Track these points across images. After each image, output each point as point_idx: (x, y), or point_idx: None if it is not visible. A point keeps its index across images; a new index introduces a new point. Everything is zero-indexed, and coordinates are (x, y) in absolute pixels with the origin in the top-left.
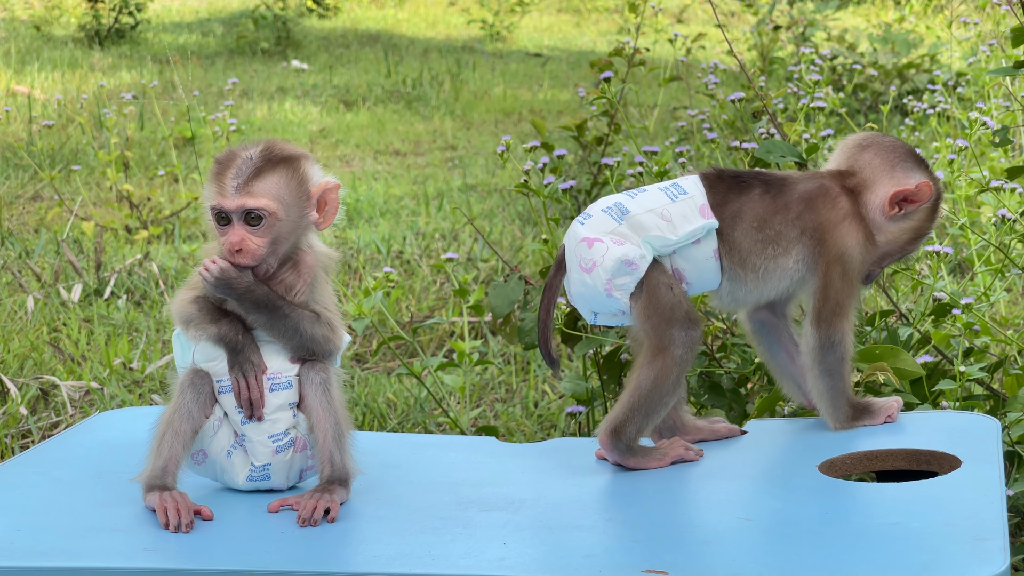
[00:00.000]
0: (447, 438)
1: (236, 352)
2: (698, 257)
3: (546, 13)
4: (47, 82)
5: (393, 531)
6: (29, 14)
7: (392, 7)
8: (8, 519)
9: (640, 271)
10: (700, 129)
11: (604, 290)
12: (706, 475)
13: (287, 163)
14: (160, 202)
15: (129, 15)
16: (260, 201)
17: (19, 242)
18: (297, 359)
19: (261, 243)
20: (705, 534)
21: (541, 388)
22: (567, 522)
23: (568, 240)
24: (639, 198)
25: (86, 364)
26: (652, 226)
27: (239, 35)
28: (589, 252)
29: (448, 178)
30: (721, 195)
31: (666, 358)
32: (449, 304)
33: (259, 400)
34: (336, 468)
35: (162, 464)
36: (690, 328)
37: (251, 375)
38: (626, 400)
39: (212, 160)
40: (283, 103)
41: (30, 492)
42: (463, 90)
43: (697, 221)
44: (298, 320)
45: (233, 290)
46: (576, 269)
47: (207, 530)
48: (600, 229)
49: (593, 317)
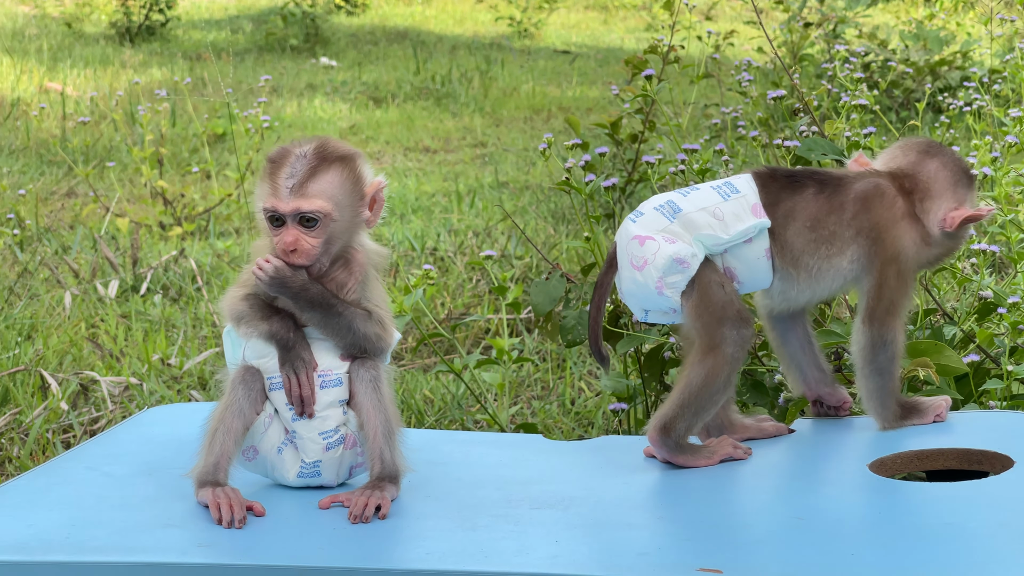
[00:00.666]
0: (493, 435)
1: (287, 349)
2: (750, 256)
3: (573, 10)
4: (79, 79)
5: (444, 528)
6: (60, 11)
7: (419, 4)
8: (63, 514)
9: (691, 269)
10: (734, 126)
11: (655, 288)
12: (755, 474)
13: (341, 162)
14: (194, 199)
15: (159, 12)
16: (315, 203)
17: (55, 238)
18: (347, 356)
19: (315, 243)
20: (757, 533)
21: (578, 385)
22: (618, 520)
23: (620, 237)
24: (691, 196)
25: (125, 360)
26: (704, 224)
27: (268, 32)
28: (641, 250)
29: (479, 175)
30: (774, 194)
31: (717, 356)
32: (484, 301)
33: (310, 397)
34: (386, 465)
35: (214, 460)
36: (741, 326)
37: (302, 372)
38: (676, 398)
39: (264, 158)
40: (313, 100)
41: (82, 487)
42: (492, 87)
43: (749, 220)
44: (351, 318)
45: (288, 289)
46: (628, 267)
47: (260, 526)
48: (652, 227)
49: (644, 315)
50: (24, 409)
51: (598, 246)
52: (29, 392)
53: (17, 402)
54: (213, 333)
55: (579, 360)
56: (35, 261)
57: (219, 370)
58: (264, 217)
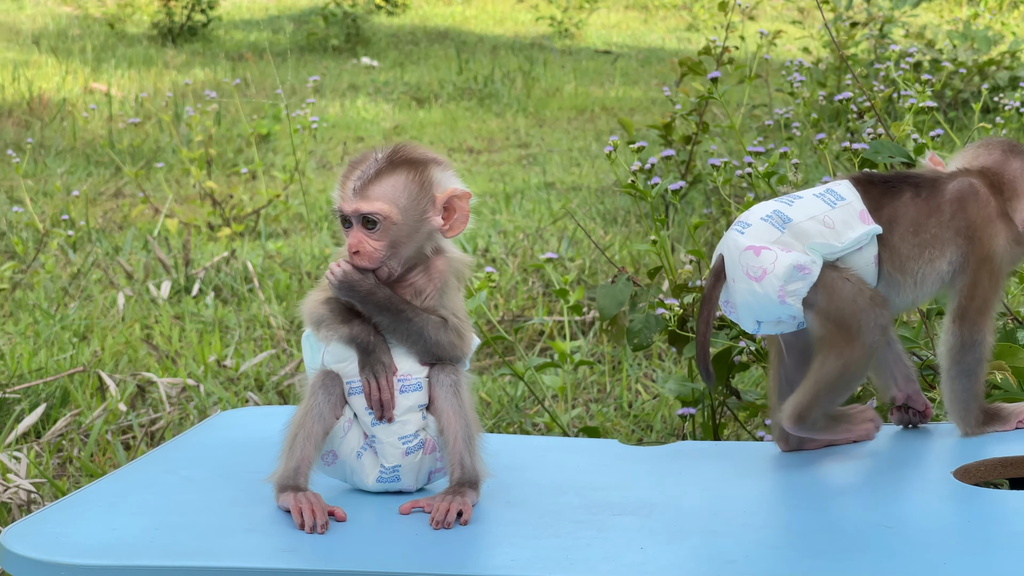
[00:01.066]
0: (569, 440)
1: (367, 353)
2: (859, 263)
3: (613, 10)
4: (123, 80)
5: (526, 534)
6: (102, 12)
7: (460, 4)
8: (144, 518)
9: (813, 275)
10: (787, 126)
11: (777, 297)
12: (838, 481)
13: (409, 167)
14: (242, 199)
15: (201, 12)
16: (374, 205)
17: (106, 239)
18: (426, 361)
19: (378, 246)
20: (845, 541)
21: (634, 388)
22: (702, 527)
23: (727, 250)
24: (797, 205)
25: (180, 361)
26: (815, 233)
27: (309, 32)
28: (757, 260)
29: (526, 176)
30: (875, 199)
31: (855, 346)
32: (538, 303)
33: (389, 401)
34: (466, 470)
35: (294, 465)
36: (878, 309)
37: (382, 376)
38: (811, 387)
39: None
40: (355, 100)
41: (162, 491)
42: (535, 87)
43: (859, 227)
44: (422, 325)
45: (356, 293)
46: (743, 279)
47: (341, 531)
48: (764, 238)
49: (756, 327)
50: (84, 410)
51: (665, 249)
52: (88, 393)
53: (77, 403)
54: (267, 334)
55: (635, 363)
56: (88, 262)
57: (275, 372)
58: (337, 218)
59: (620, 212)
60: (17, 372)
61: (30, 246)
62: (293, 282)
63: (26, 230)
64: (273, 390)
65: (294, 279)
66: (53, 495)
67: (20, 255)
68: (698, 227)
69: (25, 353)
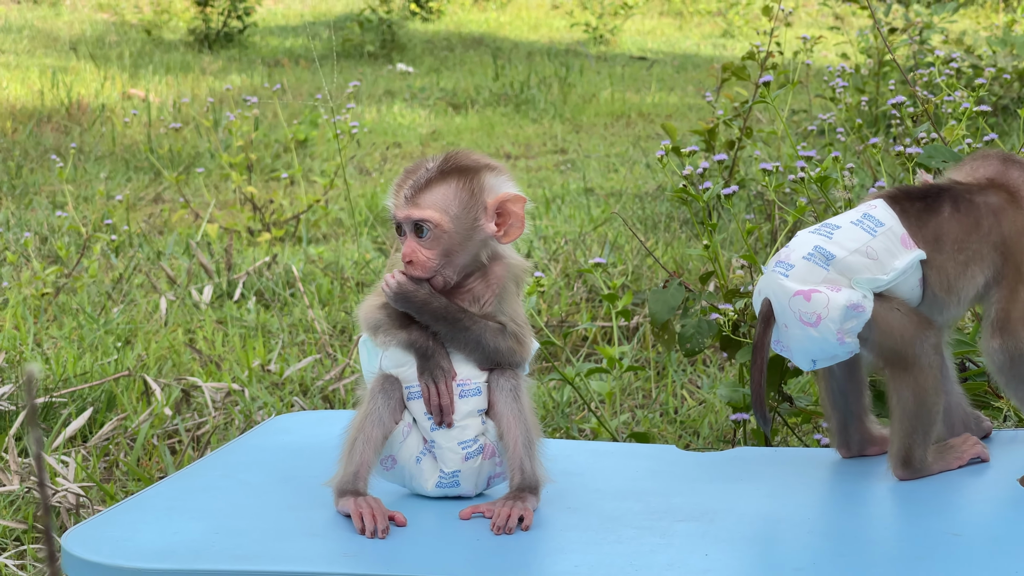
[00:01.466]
0: (626, 446)
1: (426, 358)
2: (903, 289)
3: (648, 16)
4: (160, 85)
5: (589, 540)
6: (139, 18)
7: (495, 10)
8: (204, 522)
9: (867, 312)
10: (832, 131)
11: (836, 340)
12: (899, 487)
13: (461, 174)
14: (282, 204)
15: (237, 19)
16: (424, 212)
17: (148, 244)
18: (486, 367)
19: (430, 255)
20: (913, 548)
21: (680, 394)
22: (766, 534)
23: (773, 294)
24: (837, 237)
25: (224, 365)
26: (861, 268)
27: (344, 38)
28: (809, 305)
29: (564, 181)
30: (915, 218)
31: (916, 371)
32: (582, 308)
33: (449, 406)
34: (527, 475)
35: (354, 470)
36: (928, 331)
37: (441, 381)
38: (899, 428)
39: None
40: (392, 106)
41: (220, 495)
42: (571, 93)
43: (903, 254)
44: (480, 333)
45: (411, 303)
46: (797, 325)
47: (402, 536)
48: (810, 279)
49: (812, 364)
50: (130, 415)
51: (717, 253)
52: (134, 397)
53: (123, 408)
54: (311, 339)
55: (679, 369)
56: (130, 267)
57: (320, 376)
58: (393, 227)
59: (661, 218)
60: (62, 376)
61: (73, 251)
62: (335, 287)
63: (69, 235)
64: (318, 395)
65: (336, 284)
66: (101, 499)
67: (63, 259)
68: (751, 232)
69: (70, 357)
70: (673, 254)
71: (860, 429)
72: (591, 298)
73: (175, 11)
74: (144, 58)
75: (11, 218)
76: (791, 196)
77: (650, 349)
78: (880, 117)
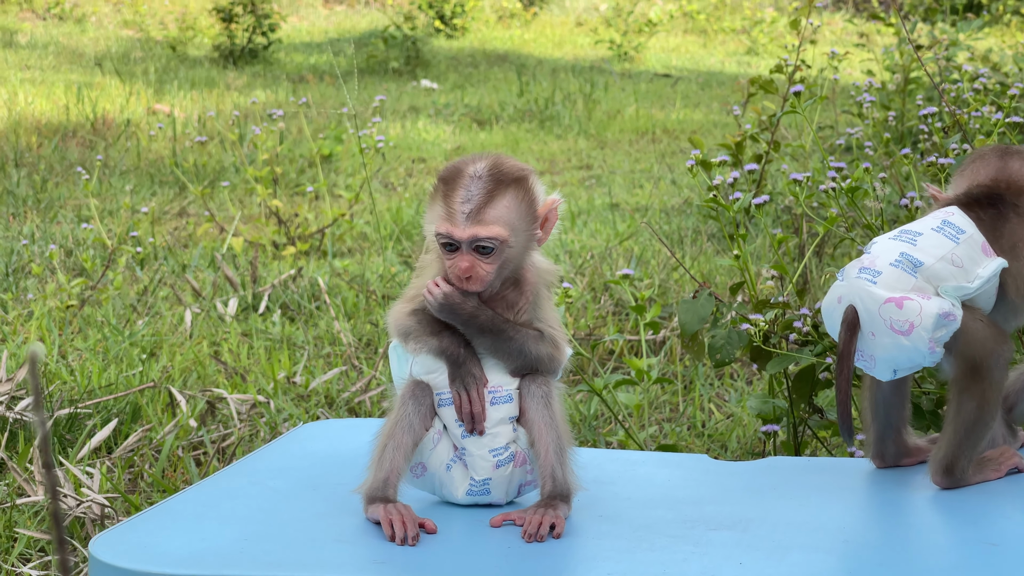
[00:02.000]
0: (657, 455)
1: (458, 365)
2: (983, 298)
3: (672, 34)
4: (185, 101)
5: (622, 548)
6: (164, 35)
7: (519, 27)
8: (233, 528)
9: (958, 321)
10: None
11: (927, 349)
12: (935, 497)
13: (517, 184)
14: (307, 218)
15: (262, 35)
16: (492, 230)
17: (173, 257)
18: (518, 373)
19: (491, 270)
20: (951, 558)
21: (707, 408)
22: (801, 543)
23: (860, 301)
24: (921, 244)
25: (249, 377)
26: (948, 275)
27: (369, 55)
28: (901, 313)
29: (589, 196)
30: (989, 225)
31: (986, 383)
32: (608, 321)
33: (480, 414)
34: (558, 483)
35: (383, 476)
36: (1004, 345)
37: (472, 389)
38: (952, 436)
39: (436, 178)
40: (416, 122)
41: (249, 501)
42: (595, 109)
43: (986, 263)
44: (523, 342)
45: (457, 316)
46: (887, 333)
47: (432, 544)
48: (900, 286)
49: (893, 375)
50: (155, 426)
51: (747, 264)
52: (159, 409)
53: (148, 419)
54: (337, 351)
55: (707, 382)
56: (155, 280)
57: (346, 388)
58: (438, 242)
59: (688, 232)
60: (87, 388)
61: (98, 263)
62: (361, 300)
63: (94, 247)
64: (344, 407)
65: (362, 297)
66: (126, 510)
67: (88, 272)
68: (781, 242)
69: (95, 369)
70: (700, 268)
71: (898, 440)
72: (618, 311)
73: (200, 27)
74: (169, 74)
75: (36, 231)
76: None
77: (678, 363)
78: (907, 134)
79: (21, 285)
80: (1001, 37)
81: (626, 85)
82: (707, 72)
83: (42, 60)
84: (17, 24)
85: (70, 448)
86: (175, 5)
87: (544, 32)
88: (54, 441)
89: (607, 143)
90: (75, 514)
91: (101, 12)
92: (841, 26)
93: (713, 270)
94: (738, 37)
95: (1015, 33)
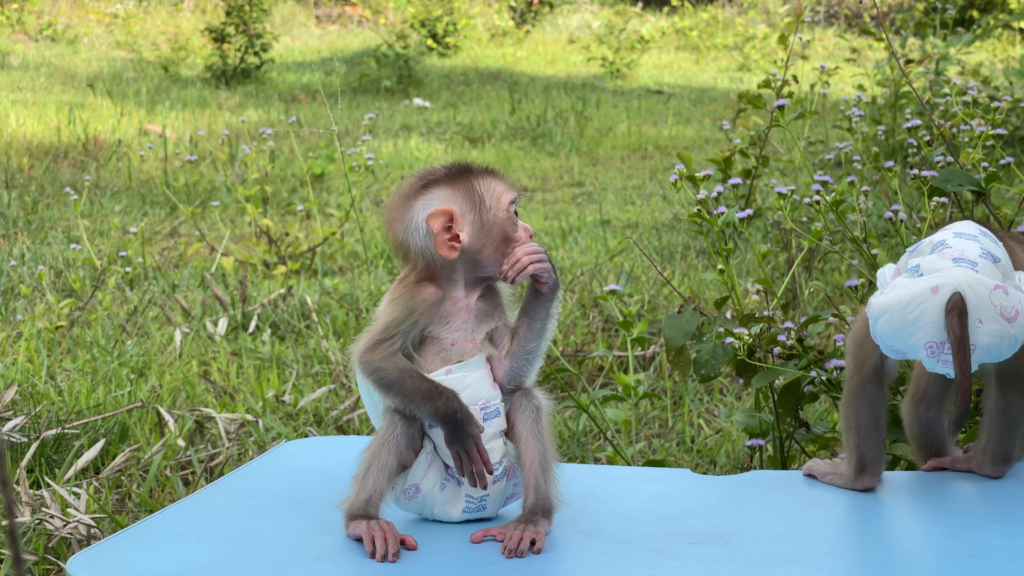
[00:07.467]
0: (640, 469)
1: (457, 428)
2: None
3: (665, 51)
4: (177, 121)
5: (602, 563)
6: (156, 55)
7: (511, 46)
8: (213, 546)
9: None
10: (848, 161)
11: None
12: (917, 510)
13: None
14: (297, 237)
15: (255, 55)
16: None
17: (163, 277)
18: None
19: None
20: (931, 570)
21: (696, 423)
22: (781, 556)
23: (969, 287)
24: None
25: (238, 397)
26: (1011, 274)
27: (362, 74)
28: (1008, 299)
29: (580, 213)
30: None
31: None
32: (597, 338)
33: (483, 471)
34: (540, 497)
35: (366, 496)
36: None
37: (472, 448)
38: (1006, 431)
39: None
40: (408, 140)
41: (230, 520)
42: (587, 126)
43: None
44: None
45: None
46: (995, 319)
47: (414, 560)
48: (994, 276)
49: (975, 366)
50: (143, 446)
51: (732, 278)
52: (147, 429)
53: (136, 439)
54: (326, 370)
55: (695, 398)
56: (144, 300)
57: (335, 407)
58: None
59: (677, 248)
60: (75, 408)
61: (87, 284)
62: (351, 318)
63: (83, 268)
64: (332, 425)
65: (351, 315)
66: (113, 530)
67: (78, 292)
68: (766, 256)
69: (84, 389)
70: (689, 283)
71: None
72: (607, 327)
73: (192, 48)
74: (161, 94)
75: (26, 252)
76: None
77: (666, 379)
78: (897, 148)
79: (10, 306)
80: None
81: (618, 102)
82: (699, 88)
83: (34, 81)
84: (9, 46)
85: (57, 468)
86: (168, 26)
87: (536, 50)
88: (41, 462)
89: (599, 160)
90: (61, 534)
91: (93, 33)
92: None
93: (701, 285)
94: (730, 53)
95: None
